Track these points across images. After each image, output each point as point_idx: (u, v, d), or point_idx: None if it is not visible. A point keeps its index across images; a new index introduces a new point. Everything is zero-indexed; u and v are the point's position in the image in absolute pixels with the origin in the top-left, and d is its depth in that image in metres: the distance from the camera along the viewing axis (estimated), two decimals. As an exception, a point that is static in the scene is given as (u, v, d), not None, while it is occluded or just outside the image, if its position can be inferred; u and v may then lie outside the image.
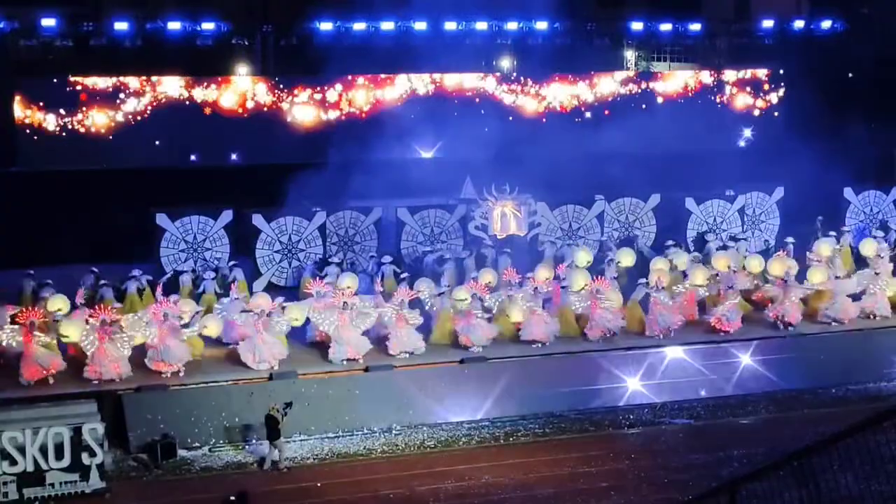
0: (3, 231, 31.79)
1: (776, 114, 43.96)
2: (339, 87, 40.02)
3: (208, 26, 38.46)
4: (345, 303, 25.57)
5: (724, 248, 31.37)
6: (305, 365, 25.32)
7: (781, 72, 43.90)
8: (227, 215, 31.18)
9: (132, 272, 28.23)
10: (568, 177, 33.55)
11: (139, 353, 24.67)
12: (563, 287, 27.80)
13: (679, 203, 34.55)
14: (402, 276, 28.41)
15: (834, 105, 39.12)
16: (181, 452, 22.78)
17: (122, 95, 37.98)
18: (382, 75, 40.16)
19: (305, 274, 29.92)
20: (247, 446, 23.37)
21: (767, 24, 43.55)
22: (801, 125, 37.70)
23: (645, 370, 26.44)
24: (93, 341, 23.98)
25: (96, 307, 25.15)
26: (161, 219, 30.85)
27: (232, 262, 29.90)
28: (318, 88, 39.83)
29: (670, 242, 31.81)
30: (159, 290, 26.53)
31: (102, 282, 27.96)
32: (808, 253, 30.65)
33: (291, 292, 29.31)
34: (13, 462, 20.38)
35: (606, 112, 41.86)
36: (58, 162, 36.78)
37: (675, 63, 45.41)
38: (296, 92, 39.66)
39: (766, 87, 44.07)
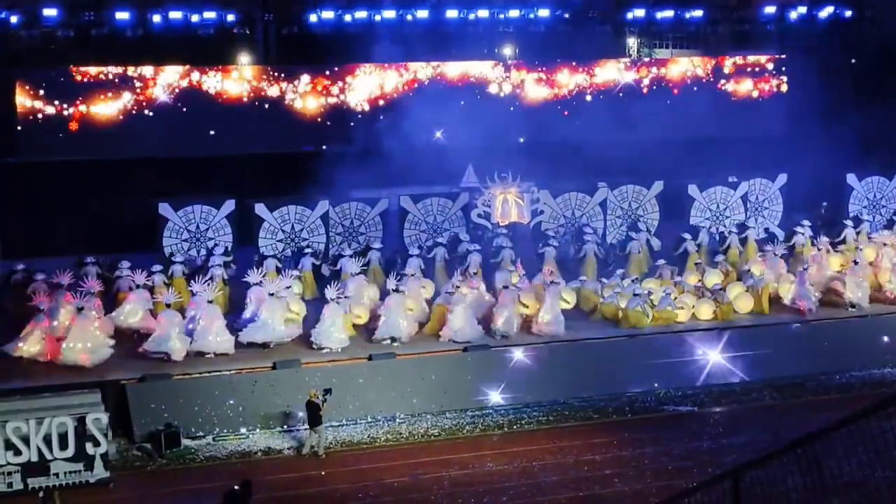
0: (3, 221, 31.73)
1: (779, 100, 43.87)
2: (340, 75, 40.00)
3: (209, 15, 38.47)
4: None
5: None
6: (309, 354, 25.32)
7: (784, 58, 43.81)
8: (229, 205, 31.16)
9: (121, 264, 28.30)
10: (571, 164, 33.52)
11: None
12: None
13: (682, 190, 34.50)
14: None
15: (837, 91, 39.07)
16: (185, 442, 22.81)
17: (123, 85, 37.97)
18: (384, 63, 40.11)
19: (305, 266, 29.70)
20: (249, 435, 23.42)
21: (769, 10, 43.49)
22: (804, 111, 37.66)
23: (648, 357, 26.43)
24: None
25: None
26: (164, 208, 30.83)
27: (266, 254, 29.74)
28: (320, 77, 39.81)
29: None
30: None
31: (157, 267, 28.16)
32: None
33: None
34: (17, 452, 20.37)
35: (608, 99, 41.81)
36: (59, 152, 36.80)
37: (677, 50, 45.33)
38: (297, 81, 39.64)
39: (769, 73, 44.00)
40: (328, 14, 39.22)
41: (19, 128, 37.14)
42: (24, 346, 24.86)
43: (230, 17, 38.89)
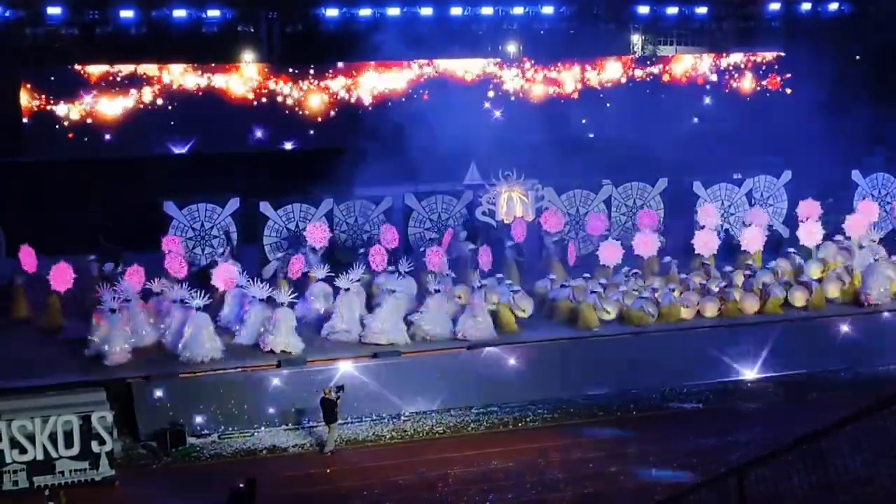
0: (9, 220, 31.78)
1: (783, 96, 43.85)
2: (344, 73, 40.03)
3: (213, 13, 38.48)
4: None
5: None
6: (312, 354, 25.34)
7: (788, 54, 43.78)
8: (234, 203, 31.16)
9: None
10: (575, 161, 33.47)
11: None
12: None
13: (687, 187, 34.44)
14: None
15: (841, 87, 39.02)
16: (190, 440, 22.83)
17: (127, 83, 38.02)
18: (388, 61, 40.13)
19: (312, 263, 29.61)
20: (254, 432, 23.43)
21: (774, 6, 43.44)
22: (809, 108, 37.62)
23: (653, 354, 26.41)
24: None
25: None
26: (168, 207, 30.83)
27: (281, 255, 29.70)
28: (324, 75, 39.83)
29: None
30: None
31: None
32: None
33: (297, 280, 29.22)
34: (23, 451, 20.43)
35: (612, 96, 41.80)
36: (63, 151, 36.83)
37: (681, 47, 45.29)
38: (302, 78, 39.66)
39: (773, 70, 43.97)
40: (332, 12, 39.23)
41: (24, 127, 37.18)
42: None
43: (234, 15, 38.90)
